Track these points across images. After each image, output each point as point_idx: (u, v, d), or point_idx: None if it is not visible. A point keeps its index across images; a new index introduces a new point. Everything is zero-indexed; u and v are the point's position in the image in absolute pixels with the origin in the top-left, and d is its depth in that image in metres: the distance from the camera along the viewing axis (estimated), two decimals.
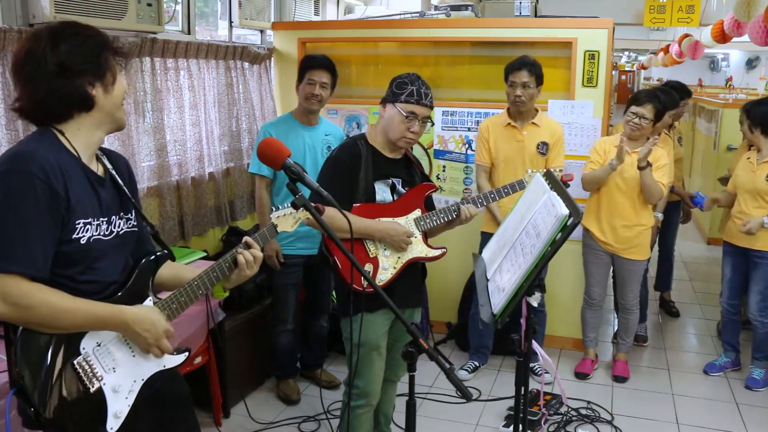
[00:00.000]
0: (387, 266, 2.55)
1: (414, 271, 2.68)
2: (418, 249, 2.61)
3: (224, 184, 4.06)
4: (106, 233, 1.64)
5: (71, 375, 1.57)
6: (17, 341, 1.52)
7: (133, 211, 1.77)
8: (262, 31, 4.69)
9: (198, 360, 3.13)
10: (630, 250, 3.72)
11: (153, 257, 1.79)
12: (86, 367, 1.59)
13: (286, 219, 1.95)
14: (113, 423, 1.61)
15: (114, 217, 1.68)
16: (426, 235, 2.66)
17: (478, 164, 3.81)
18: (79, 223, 1.56)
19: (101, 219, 1.63)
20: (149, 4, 3.10)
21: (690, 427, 3.41)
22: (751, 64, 14.66)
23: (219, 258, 1.84)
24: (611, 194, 3.66)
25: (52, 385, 1.53)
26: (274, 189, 3.49)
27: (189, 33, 3.84)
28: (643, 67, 14.98)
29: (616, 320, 4.15)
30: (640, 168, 3.47)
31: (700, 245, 7.01)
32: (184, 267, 1.94)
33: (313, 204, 1.91)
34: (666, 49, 9.82)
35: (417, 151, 4.37)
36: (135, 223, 1.77)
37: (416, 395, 1.92)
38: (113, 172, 1.72)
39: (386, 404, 2.90)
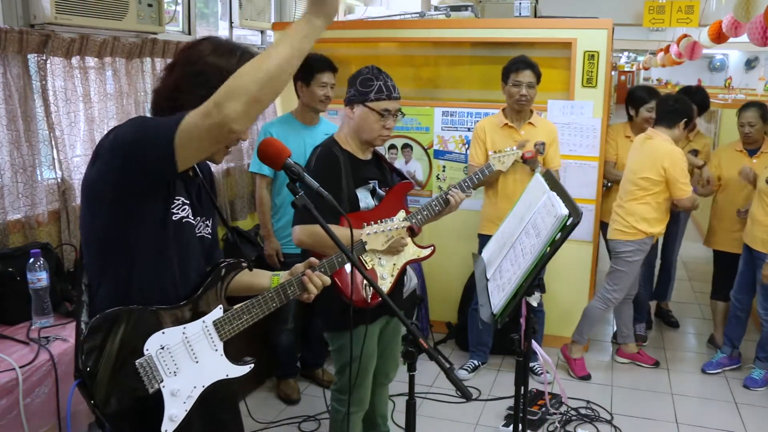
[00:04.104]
0: (386, 276, 2.47)
1: (402, 276, 2.62)
2: (411, 251, 2.55)
3: (224, 184, 4.06)
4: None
5: (132, 374, 1.56)
6: (85, 333, 1.53)
7: (212, 218, 1.79)
8: (262, 32, 4.70)
9: None
10: None
11: (230, 266, 1.79)
12: (147, 368, 1.58)
13: (377, 237, 1.94)
14: (168, 425, 1.60)
15: (200, 218, 1.72)
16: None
17: (471, 165, 3.82)
18: (178, 200, 1.61)
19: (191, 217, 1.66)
20: (150, 5, 3.11)
21: (689, 427, 3.42)
22: (750, 64, 14.66)
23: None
24: None
25: (112, 381, 1.54)
26: (275, 189, 3.50)
27: (189, 33, 3.85)
28: (645, 68, 14.99)
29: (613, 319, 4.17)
30: None
31: (699, 245, 6.99)
32: (254, 273, 1.91)
33: (403, 225, 2.00)
34: (665, 50, 9.83)
35: (417, 152, 4.39)
36: (211, 231, 1.80)
37: (416, 395, 1.93)
38: (201, 176, 1.75)
39: (381, 405, 2.86)
